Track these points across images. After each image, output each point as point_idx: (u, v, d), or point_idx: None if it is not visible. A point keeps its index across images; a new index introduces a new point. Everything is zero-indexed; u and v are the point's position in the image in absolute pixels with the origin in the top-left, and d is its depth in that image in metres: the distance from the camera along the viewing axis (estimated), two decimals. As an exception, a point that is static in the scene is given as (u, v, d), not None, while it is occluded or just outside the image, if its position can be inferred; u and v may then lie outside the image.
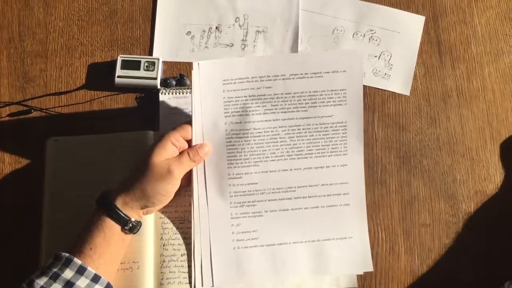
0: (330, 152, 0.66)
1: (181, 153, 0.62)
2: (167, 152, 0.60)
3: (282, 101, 0.65)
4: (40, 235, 0.66)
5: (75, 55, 0.78)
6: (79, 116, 0.75)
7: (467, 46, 0.78)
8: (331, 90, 0.65)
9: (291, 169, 0.65)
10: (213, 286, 0.64)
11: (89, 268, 0.56)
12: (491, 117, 0.75)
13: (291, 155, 0.65)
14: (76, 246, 0.58)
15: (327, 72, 0.65)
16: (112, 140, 0.70)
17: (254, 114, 0.65)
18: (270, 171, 0.65)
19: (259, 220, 0.65)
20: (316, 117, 0.65)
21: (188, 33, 0.78)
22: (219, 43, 0.78)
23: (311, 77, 0.65)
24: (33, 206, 0.68)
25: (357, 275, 0.67)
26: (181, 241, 0.66)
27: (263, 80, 0.64)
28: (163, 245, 0.65)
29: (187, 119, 0.65)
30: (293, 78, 0.64)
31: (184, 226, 0.66)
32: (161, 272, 0.64)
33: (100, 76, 0.76)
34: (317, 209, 0.66)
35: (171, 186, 0.61)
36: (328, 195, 0.66)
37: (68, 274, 0.55)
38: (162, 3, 0.79)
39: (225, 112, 0.65)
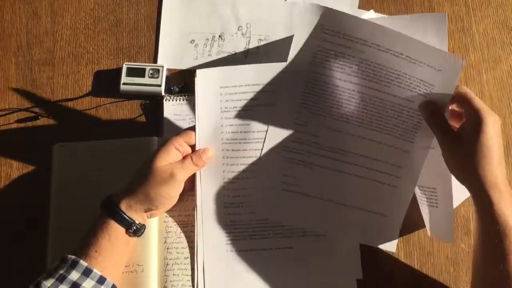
0: (398, 134, 0.65)
1: (184, 157, 0.63)
2: (170, 156, 0.61)
3: (370, 68, 0.63)
4: (46, 238, 0.68)
5: (81, 63, 0.79)
6: (85, 122, 0.76)
7: (465, 53, 0.79)
8: (420, 80, 0.62)
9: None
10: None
11: (95, 270, 0.57)
12: (489, 123, 0.76)
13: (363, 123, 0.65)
14: (82, 248, 0.59)
15: (422, 63, 0.62)
16: (117, 146, 0.71)
17: (337, 72, 0.64)
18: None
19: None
20: (396, 96, 0.64)
21: (192, 41, 0.80)
22: (222, 51, 0.79)
23: (405, 59, 0.62)
24: (40, 210, 0.70)
25: (357, 280, 0.67)
26: (185, 245, 0.67)
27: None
28: (167, 249, 0.66)
29: (190, 125, 0.66)
30: (389, 53, 0.62)
31: (187, 230, 0.67)
32: (165, 275, 0.65)
33: (105, 83, 0.78)
34: (363, 179, 0.66)
35: (174, 190, 0.62)
36: (379, 171, 0.66)
37: (74, 276, 0.56)
38: (167, 12, 0.81)
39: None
